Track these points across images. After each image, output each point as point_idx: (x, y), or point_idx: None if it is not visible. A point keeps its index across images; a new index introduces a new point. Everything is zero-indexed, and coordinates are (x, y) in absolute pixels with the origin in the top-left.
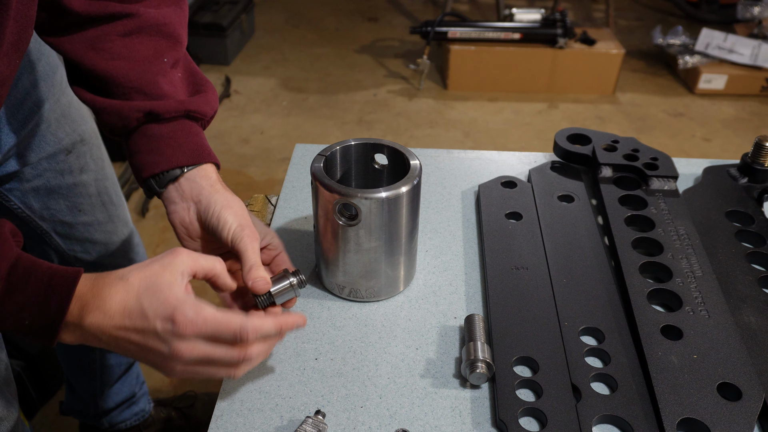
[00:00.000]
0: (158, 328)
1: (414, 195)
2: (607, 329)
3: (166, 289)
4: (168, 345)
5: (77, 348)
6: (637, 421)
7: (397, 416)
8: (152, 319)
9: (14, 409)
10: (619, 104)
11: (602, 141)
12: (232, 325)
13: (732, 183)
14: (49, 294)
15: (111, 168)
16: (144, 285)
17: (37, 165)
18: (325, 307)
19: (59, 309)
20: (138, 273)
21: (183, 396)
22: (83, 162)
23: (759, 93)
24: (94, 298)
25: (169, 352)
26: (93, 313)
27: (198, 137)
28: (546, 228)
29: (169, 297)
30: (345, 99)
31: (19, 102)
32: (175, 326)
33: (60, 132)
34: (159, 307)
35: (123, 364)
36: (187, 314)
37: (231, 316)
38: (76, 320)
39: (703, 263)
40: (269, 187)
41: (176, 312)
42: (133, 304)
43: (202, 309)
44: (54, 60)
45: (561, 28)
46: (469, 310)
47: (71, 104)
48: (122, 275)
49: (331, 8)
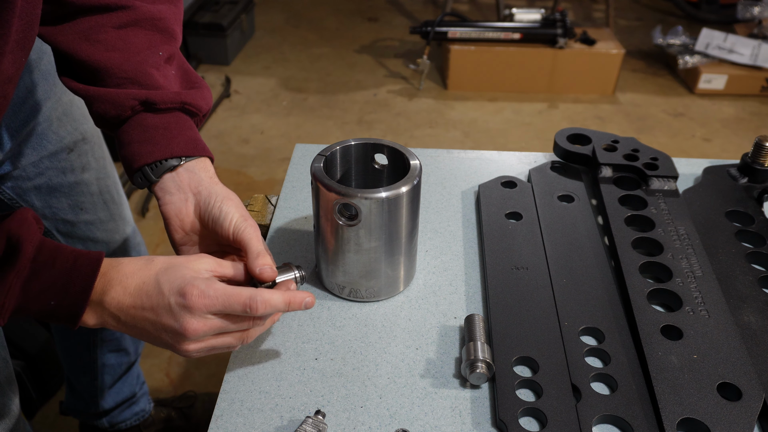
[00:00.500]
0: (171, 303)
1: (414, 195)
2: (607, 329)
3: (184, 270)
4: (179, 321)
5: (79, 347)
6: (637, 421)
7: (397, 416)
8: (167, 295)
9: (15, 407)
10: (619, 104)
11: (602, 141)
12: (242, 297)
13: (732, 183)
14: (74, 274)
15: (113, 167)
16: (165, 266)
17: (39, 163)
18: (325, 307)
19: (84, 288)
20: (163, 258)
21: (183, 396)
22: (85, 161)
23: (759, 93)
24: (117, 274)
25: (180, 328)
26: (114, 288)
27: (192, 131)
28: (546, 228)
29: (186, 275)
30: (345, 99)
31: (21, 101)
32: (186, 299)
33: (62, 130)
34: (174, 282)
35: (124, 364)
36: (199, 286)
37: (240, 288)
38: (99, 297)
39: (703, 263)
40: (269, 187)
41: (187, 285)
42: (152, 281)
43: (213, 283)
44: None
45: (561, 28)
46: (469, 310)
47: (73, 103)
48: (149, 258)
49: (331, 8)
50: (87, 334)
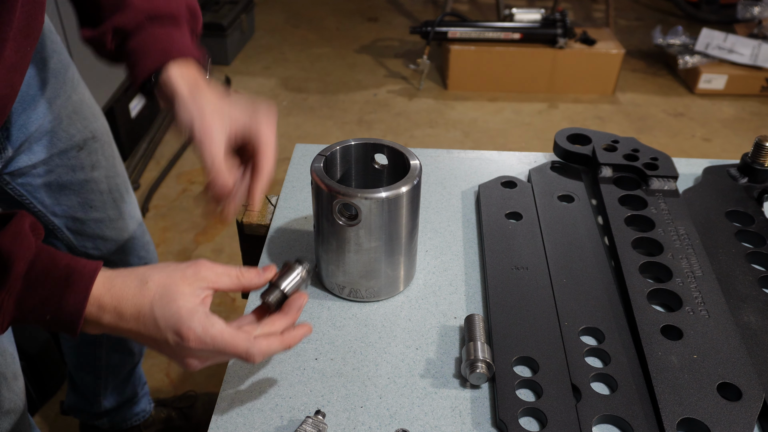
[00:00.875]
0: (169, 340)
1: (414, 195)
2: (607, 329)
3: (180, 299)
4: (178, 355)
5: (84, 345)
6: (637, 421)
7: (397, 416)
8: (164, 330)
9: (21, 403)
10: (619, 104)
11: (602, 141)
12: (239, 348)
13: (732, 183)
14: (66, 292)
15: (122, 165)
16: (160, 293)
17: (49, 161)
18: (325, 307)
19: (76, 308)
20: (158, 278)
21: (183, 396)
22: (94, 159)
23: (759, 93)
24: (111, 299)
25: (180, 362)
26: (109, 314)
27: (167, 39)
28: (546, 228)
29: (181, 309)
30: (345, 99)
31: (31, 98)
32: (183, 341)
33: (71, 128)
34: (170, 319)
35: (128, 364)
36: (196, 330)
37: (238, 337)
38: (95, 319)
39: (703, 263)
40: (269, 187)
41: (183, 327)
42: (147, 312)
43: (211, 325)
44: (65, 58)
45: (561, 28)
46: (469, 310)
47: (83, 101)
48: (143, 278)
49: (331, 8)
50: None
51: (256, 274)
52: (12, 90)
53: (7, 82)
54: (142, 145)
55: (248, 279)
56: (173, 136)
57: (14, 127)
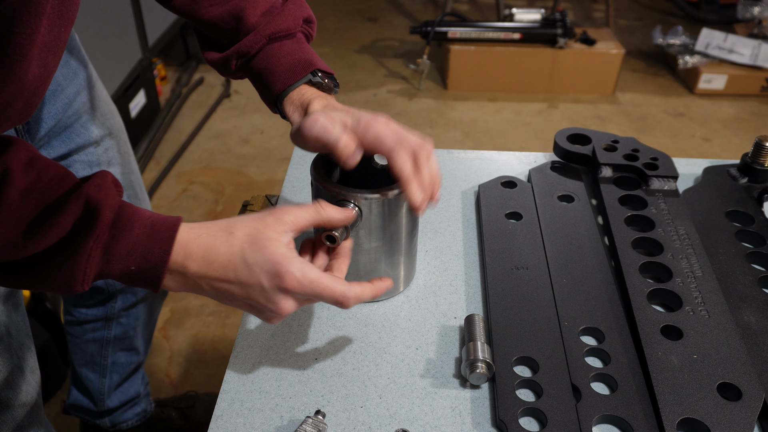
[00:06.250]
0: (264, 283)
1: None
2: (607, 329)
3: (271, 245)
4: (272, 300)
5: (91, 344)
6: (637, 421)
7: (397, 416)
8: (258, 274)
9: (37, 396)
10: (619, 104)
11: (602, 141)
12: (336, 292)
13: (732, 183)
14: (152, 239)
15: (135, 163)
16: (248, 240)
17: (67, 156)
18: (325, 307)
19: (162, 254)
20: (243, 227)
21: (183, 396)
22: (111, 155)
23: (759, 93)
24: (198, 248)
25: (275, 309)
26: (197, 263)
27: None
28: (546, 228)
29: (274, 254)
30: (345, 99)
31: (52, 92)
32: (282, 282)
33: (89, 124)
34: (264, 264)
35: (133, 363)
36: (295, 273)
37: (335, 282)
38: (180, 268)
39: (703, 263)
40: (269, 187)
41: (282, 269)
42: (238, 259)
43: (308, 270)
44: (83, 56)
45: (561, 28)
46: (469, 310)
47: (100, 98)
48: (227, 227)
49: (331, 8)
50: (100, 331)
51: (336, 209)
52: (45, 70)
53: (41, 60)
54: (142, 145)
55: (328, 212)
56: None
57: (35, 120)
